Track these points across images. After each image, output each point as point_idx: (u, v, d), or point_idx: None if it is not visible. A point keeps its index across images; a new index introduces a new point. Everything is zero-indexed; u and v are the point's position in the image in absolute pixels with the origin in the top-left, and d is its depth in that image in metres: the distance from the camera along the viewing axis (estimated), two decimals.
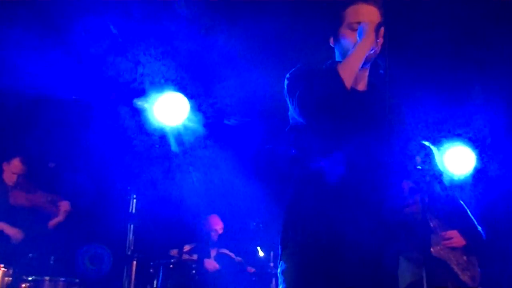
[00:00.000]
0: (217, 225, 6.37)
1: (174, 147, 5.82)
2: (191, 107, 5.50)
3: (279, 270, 2.44)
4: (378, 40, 2.42)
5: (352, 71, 2.39)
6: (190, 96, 5.46)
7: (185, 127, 5.72)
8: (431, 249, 3.94)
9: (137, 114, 5.70)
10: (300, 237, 2.39)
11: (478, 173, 5.80)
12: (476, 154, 5.87)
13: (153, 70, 5.31)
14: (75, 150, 5.68)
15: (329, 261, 2.33)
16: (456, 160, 5.71)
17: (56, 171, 5.46)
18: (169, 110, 5.45)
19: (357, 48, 2.42)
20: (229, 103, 5.79)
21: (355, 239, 2.31)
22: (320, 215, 2.37)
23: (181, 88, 5.45)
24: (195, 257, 5.87)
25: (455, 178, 5.48)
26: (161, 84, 5.42)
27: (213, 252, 6.28)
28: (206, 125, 5.79)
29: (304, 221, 2.40)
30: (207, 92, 5.63)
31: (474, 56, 5.33)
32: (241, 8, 4.61)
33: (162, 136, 5.72)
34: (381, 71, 2.67)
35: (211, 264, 5.98)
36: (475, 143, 5.83)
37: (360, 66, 2.42)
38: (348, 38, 2.53)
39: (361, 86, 2.60)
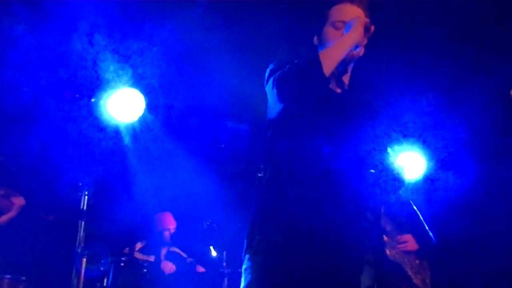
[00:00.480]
0: (171, 224, 6.27)
1: (128, 143, 5.72)
2: (148, 104, 5.41)
3: (243, 267, 2.42)
4: (364, 38, 2.45)
5: (333, 58, 2.39)
6: (147, 92, 5.38)
7: (141, 124, 5.63)
8: (388, 252, 4.05)
9: (91, 108, 5.57)
10: (267, 235, 2.38)
11: (428, 179, 5.93)
12: (427, 160, 6.01)
13: (110, 65, 5.20)
14: (26, 144, 5.50)
15: (296, 265, 2.32)
16: (407, 164, 5.83)
17: (5, 165, 5.28)
18: (124, 106, 5.34)
19: (343, 38, 2.44)
20: (187, 101, 5.73)
21: (327, 240, 2.32)
22: (290, 214, 2.37)
23: (138, 84, 5.37)
24: (152, 258, 5.77)
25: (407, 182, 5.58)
26: (116, 79, 5.32)
27: (164, 251, 6.18)
28: (162, 122, 5.72)
29: (273, 219, 2.39)
30: (165, 89, 5.56)
31: (425, 64, 5.46)
32: (220, 7, 4.58)
33: (116, 132, 5.61)
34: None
35: (167, 265, 5.87)
36: (426, 148, 5.96)
37: (343, 56, 2.42)
38: (331, 36, 2.55)
39: (334, 86, 2.63)
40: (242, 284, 2.38)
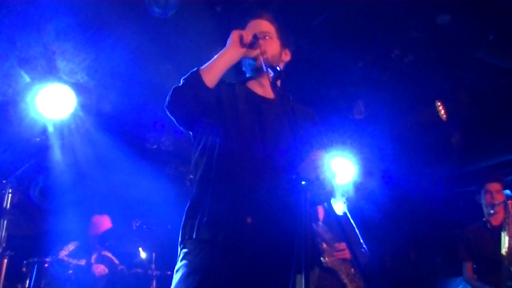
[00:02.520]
0: (107, 227, 6.00)
1: (56, 140, 5.54)
2: (79, 101, 5.25)
3: (175, 267, 2.41)
4: (253, 49, 2.51)
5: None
6: (78, 89, 5.22)
7: (70, 121, 5.46)
8: (326, 259, 4.11)
9: (16, 104, 5.35)
10: (197, 235, 2.38)
11: (358, 185, 6.08)
12: (357, 166, 6.16)
13: (36, 57, 5.02)
14: None
15: (224, 265, 2.31)
16: (338, 170, 5.95)
17: None
18: (53, 103, 5.16)
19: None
20: (122, 100, 5.61)
21: (256, 240, 2.33)
22: (219, 214, 2.37)
23: (69, 80, 5.21)
24: (83, 262, 5.55)
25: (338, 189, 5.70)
26: (45, 74, 5.14)
27: (95, 255, 5.91)
28: (94, 121, 5.57)
29: (203, 218, 2.39)
30: (98, 87, 5.43)
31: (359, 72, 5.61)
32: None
33: (43, 129, 5.42)
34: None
35: (99, 268, 5.63)
36: (357, 155, 6.11)
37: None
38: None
39: (264, 93, 2.66)
40: (173, 283, 2.36)
